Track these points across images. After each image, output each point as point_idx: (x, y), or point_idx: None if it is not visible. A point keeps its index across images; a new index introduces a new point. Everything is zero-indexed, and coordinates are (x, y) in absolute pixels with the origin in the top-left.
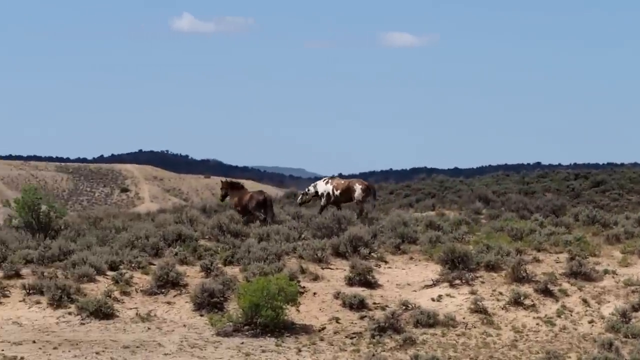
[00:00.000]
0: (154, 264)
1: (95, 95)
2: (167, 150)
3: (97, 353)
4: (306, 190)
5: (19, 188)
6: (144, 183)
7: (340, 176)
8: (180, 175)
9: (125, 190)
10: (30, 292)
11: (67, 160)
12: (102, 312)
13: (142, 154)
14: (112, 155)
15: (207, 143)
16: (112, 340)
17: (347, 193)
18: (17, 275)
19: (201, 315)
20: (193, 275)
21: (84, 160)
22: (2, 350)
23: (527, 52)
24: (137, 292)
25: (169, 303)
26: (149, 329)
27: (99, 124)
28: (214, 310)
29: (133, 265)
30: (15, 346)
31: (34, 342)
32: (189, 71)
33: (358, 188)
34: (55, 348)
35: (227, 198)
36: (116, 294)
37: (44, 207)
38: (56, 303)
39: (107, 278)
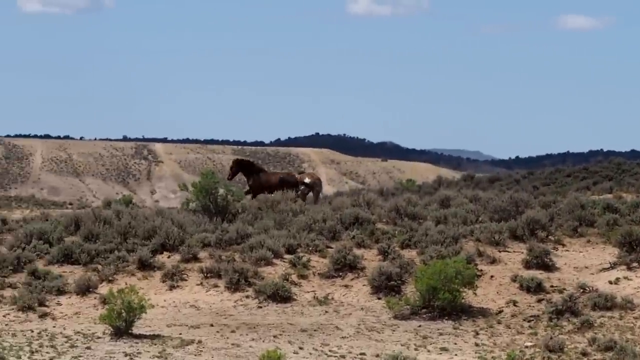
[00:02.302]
0: (331, 247)
1: (272, 79)
2: (344, 134)
3: (274, 336)
4: None
5: (196, 172)
6: (320, 166)
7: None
8: (357, 159)
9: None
10: (208, 275)
11: (244, 143)
12: (280, 296)
13: (319, 137)
14: (289, 138)
15: (383, 126)
16: (290, 324)
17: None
18: (195, 258)
19: (379, 299)
20: (370, 259)
21: (261, 143)
22: (180, 333)
23: None
24: (314, 275)
25: (346, 286)
26: (326, 312)
27: (276, 107)
28: (391, 293)
29: (310, 248)
30: (193, 329)
31: (211, 325)
32: (364, 54)
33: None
34: (232, 331)
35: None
36: (293, 277)
37: (221, 191)
38: (234, 286)
39: (284, 261)
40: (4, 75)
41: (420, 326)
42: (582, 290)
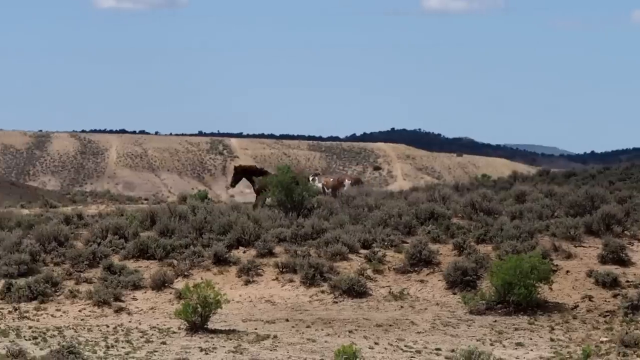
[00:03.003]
0: (407, 242)
1: (348, 75)
2: (419, 129)
3: (349, 331)
4: None
5: (272, 167)
6: (396, 161)
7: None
8: (432, 154)
9: (377, 168)
10: (283, 270)
11: (319, 139)
12: (355, 291)
13: (394, 132)
14: (364, 133)
15: (459, 121)
16: (365, 319)
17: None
18: (270, 253)
19: (454, 294)
20: (445, 254)
21: (336, 139)
22: (256, 329)
23: None
24: (389, 270)
25: (421, 281)
26: (401, 307)
27: (351, 102)
28: (467, 288)
29: (386, 243)
30: (268, 324)
31: (287, 320)
32: (439, 50)
33: (347, 183)
34: (308, 326)
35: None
36: (369, 272)
37: (297, 187)
38: (309, 281)
39: (359, 256)
40: (80, 71)
41: (495, 321)
42: None
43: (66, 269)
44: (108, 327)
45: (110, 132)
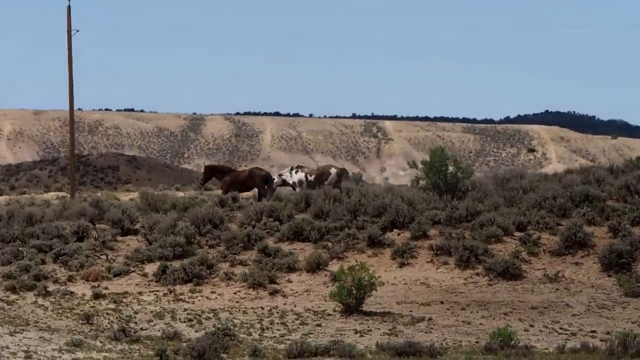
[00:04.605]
0: (562, 225)
1: (502, 57)
2: (573, 111)
3: (504, 314)
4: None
5: (426, 149)
6: (550, 144)
7: None
8: (586, 136)
9: (532, 150)
10: (438, 253)
11: (474, 121)
12: (510, 273)
13: (548, 114)
14: (518, 116)
15: (613, 103)
16: (520, 301)
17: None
18: (425, 236)
19: (609, 276)
20: (600, 236)
21: (491, 121)
22: (411, 311)
23: None
24: (544, 252)
25: (576, 264)
26: (556, 289)
27: (506, 84)
28: (622, 270)
29: (540, 225)
30: (423, 307)
31: (441, 302)
32: (590, 32)
33: (333, 171)
34: (463, 309)
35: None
36: (524, 254)
37: (451, 168)
38: (464, 264)
39: (514, 239)
40: (234, 55)
41: None
42: None
43: (221, 251)
44: (263, 309)
45: (265, 114)
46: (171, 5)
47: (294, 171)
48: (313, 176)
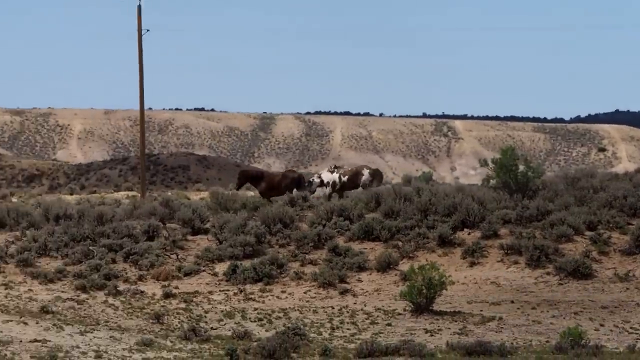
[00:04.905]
0: (632, 224)
1: (570, 57)
2: None
3: (575, 313)
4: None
5: (496, 149)
6: (620, 143)
7: None
8: None
9: (602, 150)
10: (508, 252)
11: (544, 120)
12: (580, 272)
13: (619, 113)
14: (589, 115)
15: None
16: (590, 301)
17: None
18: (495, 235)
19: None
20: None
21: (561, 120)
22: (481, 310)
23: None
24: (615, 252)
25: None
26: (627, 289)
27: (577, 84)
28: None
29: (611, 225)
30: (493, 306)
31: (512, 302)
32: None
33: (366, 172)
34: (533, 308)
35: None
36: (594, 254)
37: (521, 168)
38: (534, 263)
39: (585, 238)
40: (305, 54)
41: None
42: None
43: (291, 250)
44: (333, 308)
45: (335, 114)
46: (240, 5)
47: (330, 172)
48: (347, 177)
